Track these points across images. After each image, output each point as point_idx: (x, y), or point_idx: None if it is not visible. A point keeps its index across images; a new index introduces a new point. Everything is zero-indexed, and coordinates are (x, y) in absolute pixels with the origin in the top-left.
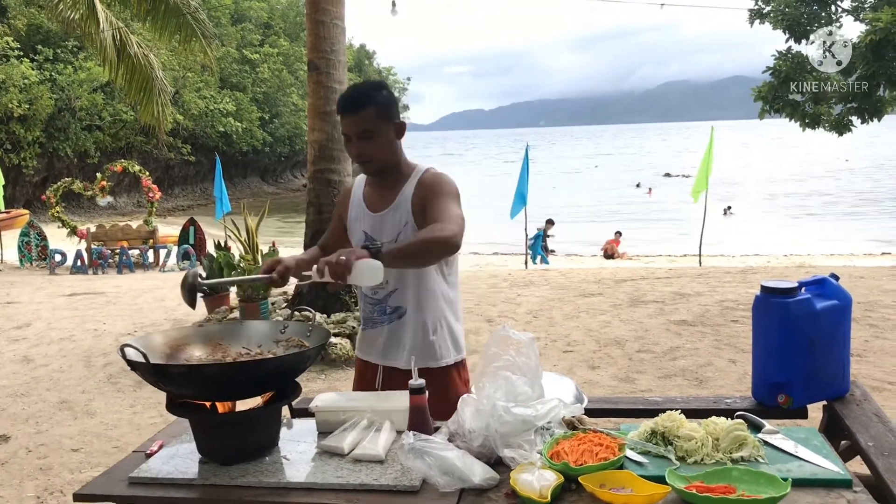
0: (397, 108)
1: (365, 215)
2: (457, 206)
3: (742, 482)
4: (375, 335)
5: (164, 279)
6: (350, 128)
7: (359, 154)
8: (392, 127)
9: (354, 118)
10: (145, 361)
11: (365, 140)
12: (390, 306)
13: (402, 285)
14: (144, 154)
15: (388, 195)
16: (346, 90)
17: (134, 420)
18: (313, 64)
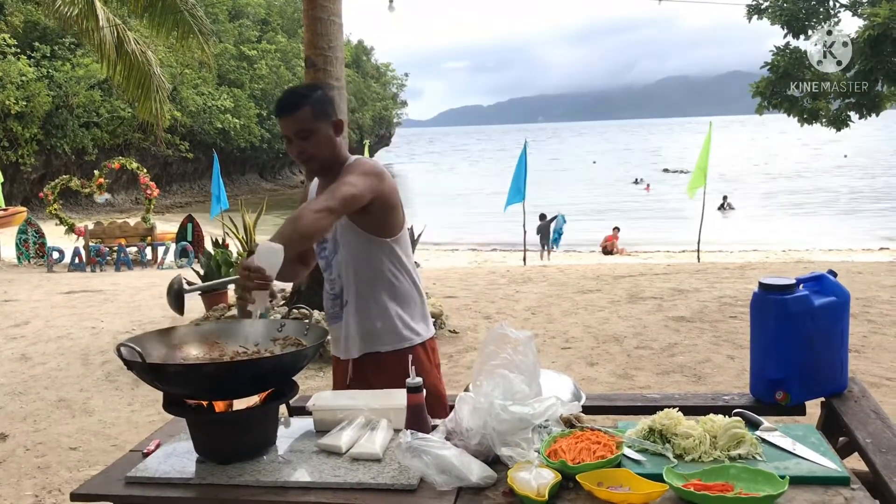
0: (333, 106)
1: None
2: (352, 177)
3: (740, 480)
4: (337, 328)
5: (161, 276)
6: (288, 128)
7: (299, 153)
8: (330, 124)
9: (291, 119)
10: (142, 361)
11: (303, 139)
12: (344, 300)
13: (348, 277)
14: (142, 151)
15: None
16: (282, 94)
17: (132, 418)
18: (311, 60)
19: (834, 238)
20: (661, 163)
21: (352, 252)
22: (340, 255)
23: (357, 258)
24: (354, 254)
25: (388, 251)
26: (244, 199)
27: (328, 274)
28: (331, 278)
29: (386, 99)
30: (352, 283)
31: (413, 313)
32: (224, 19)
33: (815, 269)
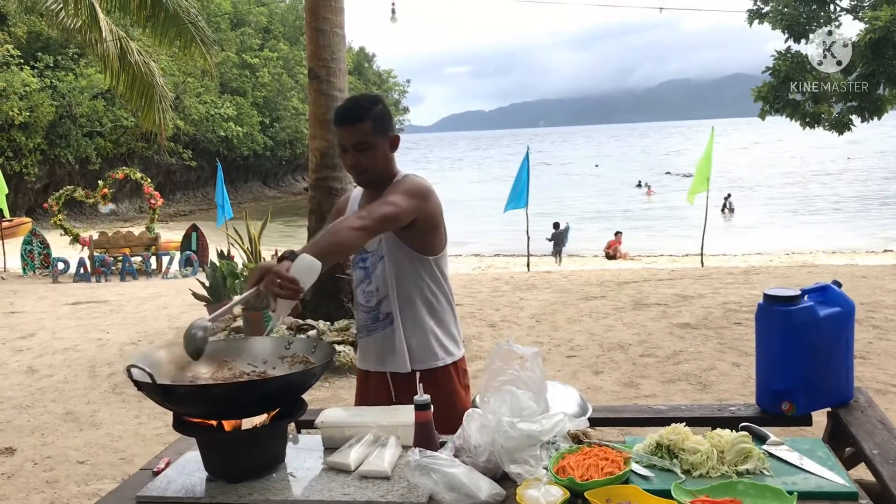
0: (392, 121)
1: None
2: (396, 196)
3: (747, 496)
4: (371, 343)
5: (166, 286)
6: (346, 139)
7: (354, 165)
8: (387, 140)
9: (351, 130)
10: (151, 382)
11: (360, 152)
12: (382, 313)
13: (389, 292)
14: (146, 160)
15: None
16: (344, 102)
17: (139, 431)
18: (314, 72)
19: (837, 241)
20: (663, 166)
21: (396, 266)
22: (384, 269)
23: (401, 273)
24: (398, 268)
25: (429, 269)
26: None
27: (365, 285)
28: (368, 289)
29: (388, 105)
30: (399, 297)
31: (449, 332)
32: (226, 28)
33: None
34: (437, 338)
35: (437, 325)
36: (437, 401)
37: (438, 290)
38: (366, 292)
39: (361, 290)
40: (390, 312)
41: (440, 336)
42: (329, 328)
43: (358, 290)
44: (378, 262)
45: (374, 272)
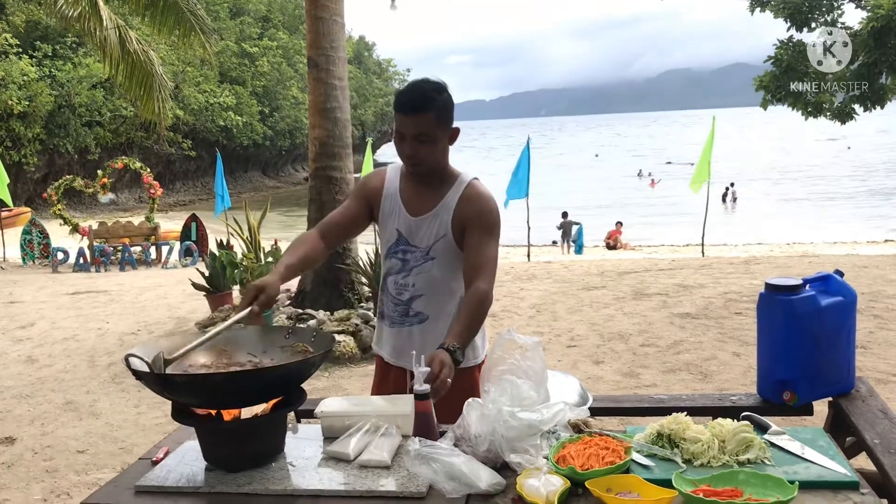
0: (453, 112)
1: (402, 215)
2: (495, 244)
3: (749, 485)
4: (395, 336)
5: (166, 276)
6: (407, 128)
7: (411, 155)
8: (448, 132)
9: (413, 120)
10: (150, 371)
11: (420, 143)
12: (413, 310)
13: (429, 292)
14: (145, 149)
15: (429, 199)
16: (407, 87)
17: (139, 421)
18: (313, 61)
19: (838, 230)
20: (664, 156)
21: (445, 270)
22: (430, 269)
23: (449, 276)
24: (447, 272)
25: None
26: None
27: (400, 277)
28: (402, 282)
29: (388, 94)
30: (441, 300)
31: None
32: (225, 17)
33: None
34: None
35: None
36: (457, 399)
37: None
38: (399, 284)
39: (394, 280)
40: (422, 312)
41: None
42: (329, 318)
43: (390, 279)
44: (425, 260)
45: (417, 268)
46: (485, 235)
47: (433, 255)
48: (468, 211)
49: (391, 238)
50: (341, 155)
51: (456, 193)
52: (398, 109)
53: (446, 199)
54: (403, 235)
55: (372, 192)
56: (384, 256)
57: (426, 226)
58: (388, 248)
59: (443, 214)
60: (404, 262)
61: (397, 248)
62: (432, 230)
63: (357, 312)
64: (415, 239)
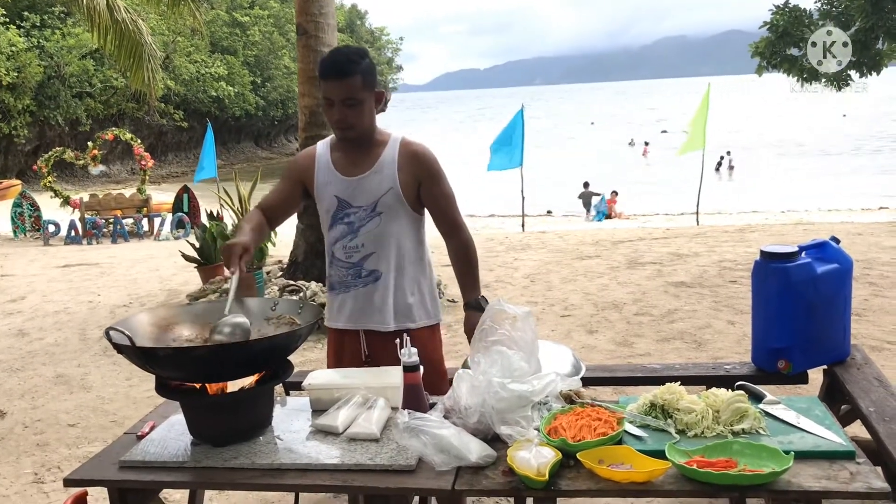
0: (377, 75)
1: (337, 180)
2: (448, 184)
3: (743, 455)
4: (347, 299)
5: (158, 248)
6: (334, 93)
7: (340, 120)
8: (373, 95)
9: (340, 84)
10: (131, 344)
11: (348, 107)
12: (366, 269)
13: (380, 248)
14: (136, 121)
15: (364, 160)
16: (330, 54)
17: (130, 394)
18: (302, 28)
19: (833, 198)
20: (659, 124)
21: (396, 225)
22: (377, 225)
23: (401, 232)
24: (399, 227)
25: (420, 228)
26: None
27: (347, 240)
28: (350, 245)
29: (381, 64)
30: (391, 255)
31: (434, 292)
32: None
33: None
34: (428, 297)
35: (427, 285)
36: (422, 361)
37: (425, 251)
38: (347, 247)
39: (342, 245)
40: (375, 270)
41: (429, 296)
42: (321, 289)
43: (337, 245)
44: (370, 217)
45: (363, 227)
46: (440, 184)
47: (380, 209)
48: (416, 168)
49: (331, 206)
50: None
51: (393, 151)
52: (324, 76)
53: (384, 158)
54: (343, 199)
55: (302, 169)
56: (328, 228)
57: (366, 184)
58: (331, 216)
59: (386, 171)
60: (349, 225)
61: (339, 214)
62: (373, 187)
63: None
64: (357, 199)
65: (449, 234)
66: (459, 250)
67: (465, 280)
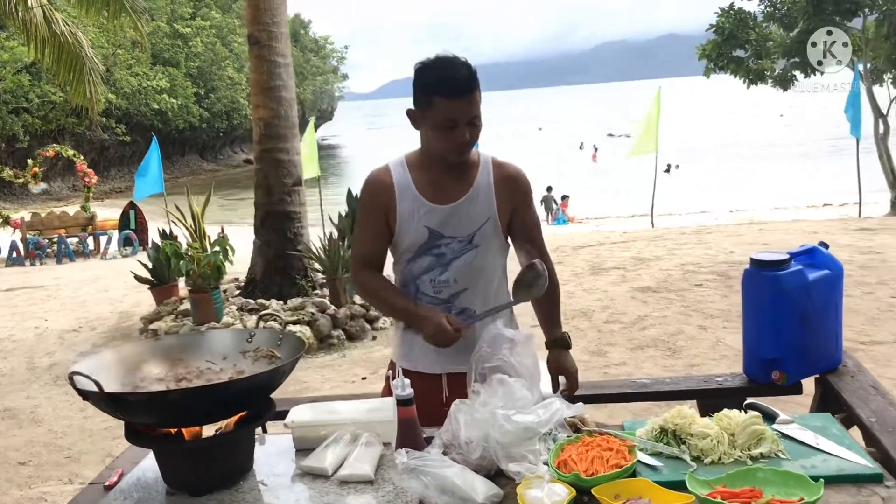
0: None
1: (426, 208)
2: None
3: (769, 484)
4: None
5: (106, 268)
6: (461, 113)
7: (462, 144)
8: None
9: (467, 102)
10: (99, 391)
11: (473, 127)
12: (457, 307)
13: (473, 284)
14: (77, 136)
15: (455, 184)
16: (444, 67)
17: (85, 426)
18: (254, 37)
19: (777, 197)
20: (605, 128)
21: (490, 257)
22: (472, 258)
23: (494, 265)
24: (492, 260)
25: (506, 258)
26: (186, 181)
27: (437, 273)
28: (440, 279)
29: (326, 73)
30: (484, 291)
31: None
32: None
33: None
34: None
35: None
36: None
37: (507, 284)
38: (436, 282)
39: (429, 279)
40: (468, 307)
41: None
42: (283, 307)
43: (423, 279)
44: (464, 250)
45: (456, 261)
46: (532, 210)
47: (477, 242)
48: (513, 193)
49: (419, 238)
50: (288, 136)
51: (487, 174)
52: (447, 94)
53: (479, 182)
54: (436, 230)
55: (383, 199)
56: (407, 261)
57: (464, 212)
58: (417, 250)
59: (481, 197)
60: (439, 258)
61: (429, 246)
62: (472, 215)
63: (312, 301)
64: (450, 229)
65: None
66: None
67: (551, 316)
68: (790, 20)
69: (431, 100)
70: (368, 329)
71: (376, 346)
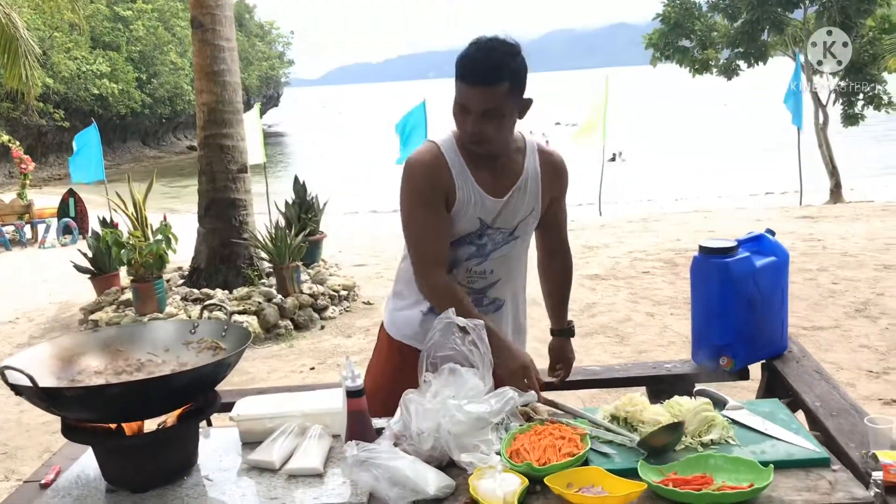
0: (527, 80)
1: (483, 200)
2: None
3: (720, 470)
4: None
5: (44, 257)
6: (473, 102)
7: (475, 134)
8: (520, 105)
9: (482, 92)
10: (32, 385)
11: (489, 119)
12: (489, 297)
13: (507, 274)
14: (12, 121)
15: (506, 174)
16: (474, 50)
17: (22, 420)
18: (197, 21)
19: (721, 185)
20: (552, 117)
21: (523, 248)
22: (510, 250)
23: (523, 255)
24: (524, 250)
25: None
26: (128, 168)
27: (475, 263)
28: (477, 269)
29: (272, 58)
30: (512, 281)
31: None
32: None
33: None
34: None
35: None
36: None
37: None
38: (472, 272)
39: (466, 268)
40: (498, 298)
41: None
42: (228, 297)
43: (461, 268)
44: (505, 241)
45: (495, 252)
46: (564, 203)
47: (518, 234)
48: (556, 183)
49: (469, 228)
50: (232, 122)
51: (534, 163)
52: (462, 78)
53: (527, 172)
54: (486, 222)
55: (440, 183)
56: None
57: (512, 205)
58: (460, 239)
59: (529, 187)
60: (480, 248)
61: (476, 235)
62: (519, 208)
63: (258, 290)
64: (497, 221)
65: (558, 253)
66: (565, 271)
67: (563, 304)
68: (734, 11)
69: (456, 81)
70: (317, 318)
71: (325, 336)
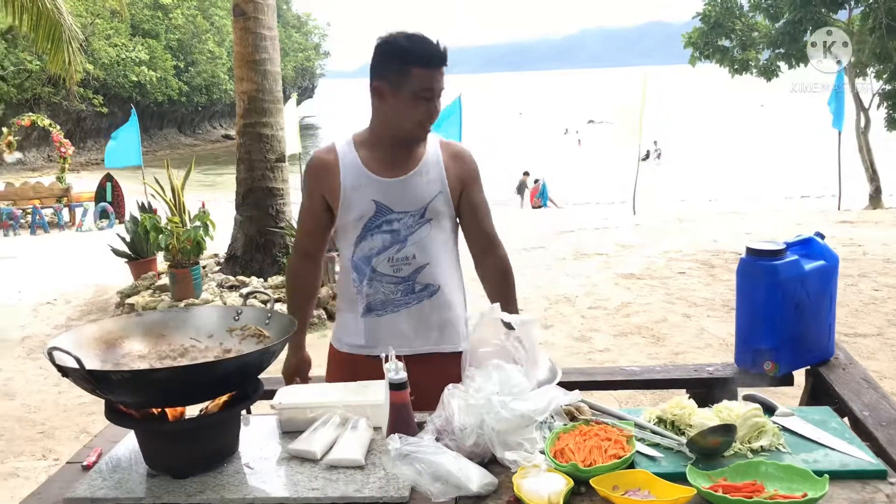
0: None
1: (372, 181)
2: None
3: (771, 478)
4: (397, 320)
5: (81, 240)
6: (437, 84)
7: (430, 116)
8: None
9: (441, 73)
10: (79, 367)
11: (438, 99)
12: (420, 283)
13: (434, 259)
14: (53, 106)
15: (403, 160)
16: (420, 41)
17: (59, 400)
18: (239, 9)
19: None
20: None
21: (445, 234)
22: (428, 233)
23: (449, 241)
24: (447, 236)
25: (457, 238)
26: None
27: (394, 251)
28: (398, 256)
29: (308, 49)
30: (442, 264)
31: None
32: None
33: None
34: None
35: (463, 302)
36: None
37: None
38: (395, 259)
39: (387, 258)
40: (431, 283)
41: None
42: (263, 285)
43: (380, 259)
44: (420, 224)
45: (412, 236)
46: (481, 190)
47: (429, 216)
48: (461, 170)
49: (366, 212)
50: (272, 111)
51: (436, 150)
52: (426, 65)
53: (428, 157)
54: (384, 204)
55: (322, 174)
56: (358, 239)
57: (412, 186)
58: (365, 225)
59: (433, 172)
60: (394, 234)
61: (377, 221)
62: (422, 189)
63: None
64: (399, 204)
65: (486, 250)
66: (497, 269)
67: (505, 306)
68: (776, 11)
69: (409, 70)
70: None
71: None
